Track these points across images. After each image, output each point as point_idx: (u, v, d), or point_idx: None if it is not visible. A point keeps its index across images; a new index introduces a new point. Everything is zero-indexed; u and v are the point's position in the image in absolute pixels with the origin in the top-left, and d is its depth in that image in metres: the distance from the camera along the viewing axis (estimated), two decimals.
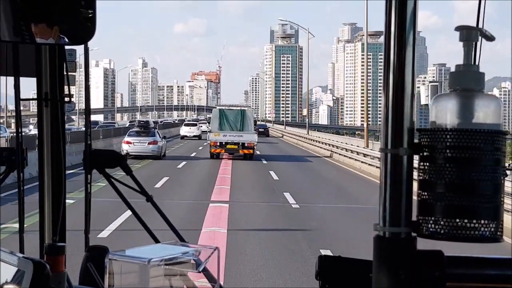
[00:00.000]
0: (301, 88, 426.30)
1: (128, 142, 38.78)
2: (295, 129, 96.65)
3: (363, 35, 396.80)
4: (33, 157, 2.61)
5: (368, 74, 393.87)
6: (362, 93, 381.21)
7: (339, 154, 43.77)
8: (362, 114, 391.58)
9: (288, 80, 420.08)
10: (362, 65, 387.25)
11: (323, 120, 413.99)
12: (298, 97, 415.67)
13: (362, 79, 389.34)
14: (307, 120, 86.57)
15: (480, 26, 1.56)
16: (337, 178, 31.09)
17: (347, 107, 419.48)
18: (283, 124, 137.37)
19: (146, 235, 2.62)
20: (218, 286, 1.81)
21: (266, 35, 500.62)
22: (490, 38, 1.51)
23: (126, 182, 2.71)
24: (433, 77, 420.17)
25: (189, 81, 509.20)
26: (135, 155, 37.34)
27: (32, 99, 2.69)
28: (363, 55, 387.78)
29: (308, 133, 71.76)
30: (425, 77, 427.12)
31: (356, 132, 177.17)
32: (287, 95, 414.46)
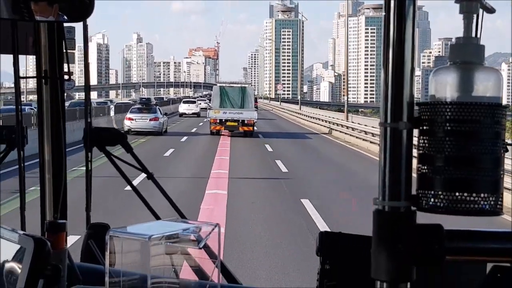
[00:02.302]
0: (302, 63, 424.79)
1: (130, 119, 41.53)
2: (317, 111, 68.71)
3: (367, 8, 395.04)
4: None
5: (372, 48, 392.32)
6: (366, 68, 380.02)
7: None
8: (365, 90, 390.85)
9: (289, 56, 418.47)
10: (366, 40, 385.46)
11: (325, 97, 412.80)
12: (300, 73, 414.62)
13: (366, 54, 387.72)
14: (346, 99, 57.14)
15: None
16: None
17: (350, 84, 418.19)
18: (294, 103, 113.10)
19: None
20: (218, 262, 1.86)
21: (265, 13, 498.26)
22: (491, 10, 1.53)
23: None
24: (439, 52, 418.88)
25: (186, 57, 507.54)
26: (137, 131, 39.99)
27: (32, 77, 2.72)
28: (366, 29, 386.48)
29: (347, 118, 49.99)
30: (430, 52, 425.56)
31: (360, 110, 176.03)
32: (288, 71, 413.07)
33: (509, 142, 1.91)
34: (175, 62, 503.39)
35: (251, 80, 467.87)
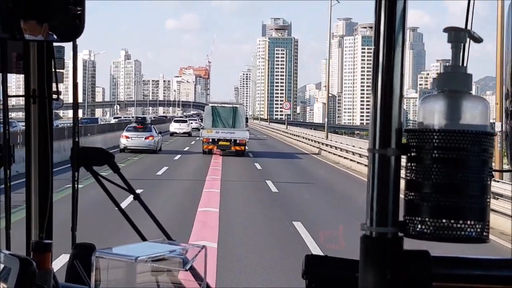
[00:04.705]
0: (296, 83, 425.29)
1: (126, 137, 43.83)
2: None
3: (364, 27, 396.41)
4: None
5: (369, 68, 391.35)
6: (362, 89, 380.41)
7: None
8: (362, 111, 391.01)
9: (283, 75, 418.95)
10: (363, 59, 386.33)
11: (318, 118, 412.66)
12: (293, 93, 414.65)
13: (362, 74, 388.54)
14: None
15: (469, 27, 1.66)
16: None
17: (345, 105, 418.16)
18: (292, 125, 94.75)
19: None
20: (204, 284, 1.90)
21: (259, 32, 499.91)
22: (478, 40, 1.60)
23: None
24: (437, 73, 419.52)
25: (177, 76, 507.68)
26: (132, 148, 42.56)
27: (20, 96, 2.78)
28: (363, 48, 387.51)
29: None
30: (427, 74, 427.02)
31: (356, 132, 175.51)
32: (282, 91, 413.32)
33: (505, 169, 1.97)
34: (164, 81, 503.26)
35: (243, 100, 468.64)
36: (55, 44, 2.66)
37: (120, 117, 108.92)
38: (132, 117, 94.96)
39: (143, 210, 2.75)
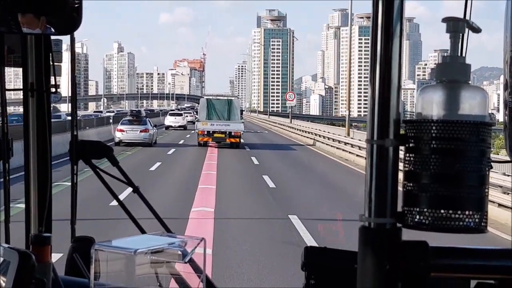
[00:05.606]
0: (292, 75, 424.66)
1: (121, 130, 44.20)
2: None
3: (361, 17, 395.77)
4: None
5: (366, 59, 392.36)
6: (360, 80, 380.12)
7: None
8: (359, 103, 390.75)
9: (279, 67, 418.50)
10: (360, 50, 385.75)
11: (315, 110, 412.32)
12: (289, 85, 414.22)
13: (359, 66, 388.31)
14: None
15: (467, 18, 1.68)
16: None
17: (342, 96, 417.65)
18: (290, 117, 77.61)
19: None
20: (204, 276, 1.93)
21: (254, 25, 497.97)
22: (477, 30, 1.62)
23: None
24: (435, 63, 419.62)
25: (171, 69, 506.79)
26: (128, 142, 42.84)
27: (18, 89, 2.81)
28: (360, 39, 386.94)
29: None
30: (425, 64, 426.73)
31: (353, 124, 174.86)
32: (277, 83, 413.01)
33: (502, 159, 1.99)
34: (158, 73, 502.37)
35: (238, 93, 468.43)
36: (52, 37, 2.68)
37: (101, 111, 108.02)
38: (120, 111, 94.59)
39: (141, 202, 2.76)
